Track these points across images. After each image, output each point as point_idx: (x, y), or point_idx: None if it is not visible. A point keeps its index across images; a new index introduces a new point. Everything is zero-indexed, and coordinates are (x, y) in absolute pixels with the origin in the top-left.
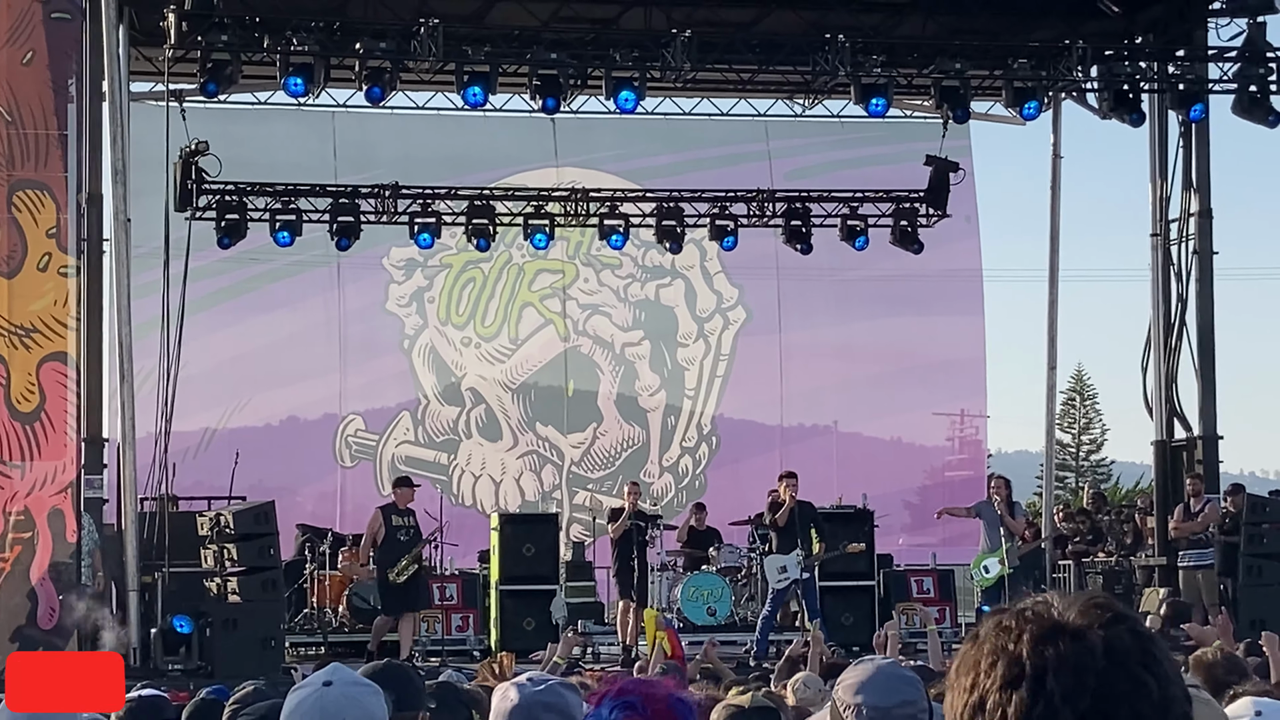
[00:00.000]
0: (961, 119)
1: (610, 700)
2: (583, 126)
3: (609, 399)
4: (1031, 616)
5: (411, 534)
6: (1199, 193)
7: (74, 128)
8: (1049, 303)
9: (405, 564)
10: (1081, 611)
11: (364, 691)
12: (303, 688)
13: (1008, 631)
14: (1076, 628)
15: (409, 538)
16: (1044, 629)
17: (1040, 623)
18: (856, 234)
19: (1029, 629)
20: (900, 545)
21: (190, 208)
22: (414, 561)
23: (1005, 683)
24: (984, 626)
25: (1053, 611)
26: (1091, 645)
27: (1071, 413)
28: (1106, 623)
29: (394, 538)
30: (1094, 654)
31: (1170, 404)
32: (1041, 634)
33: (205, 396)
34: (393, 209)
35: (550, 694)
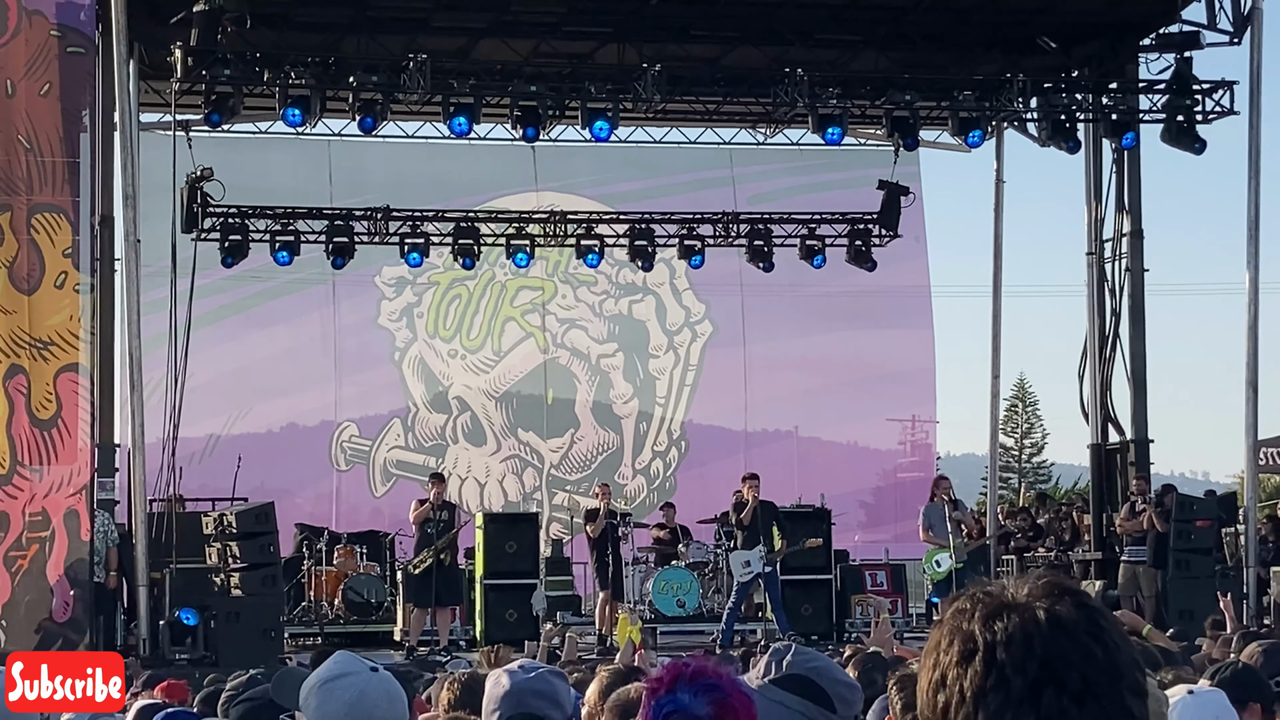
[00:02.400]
0: (911, 146)
1: (687, 685)
2: (561, 153)
3: (586, 406)
4: (983, 596)
5: (441, 528)
6: (1131, 214)
7: (87, 155)
8: (993, 316)
9: (423, 556)
10: (1030, 590)
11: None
12: (348, 675)
13: (962, 612)
14: (1023, 603)
15: (436, 531)
16: (993, 606)
17: (990, 601)
18: (814, 253)
19: (980, 607)
20: (856, 542)
21: (196, 229)
22: (435, 555)
23: (961, 658)
24: (946, 610)
25: (1004, 591)
26: (1037, 617)
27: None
28: (1052, 596)
29: (423, 532)
30: (1039, 625)
31: (1105, 410)
32: (991, 611)
33: (210, 405)
34: (384, 230)
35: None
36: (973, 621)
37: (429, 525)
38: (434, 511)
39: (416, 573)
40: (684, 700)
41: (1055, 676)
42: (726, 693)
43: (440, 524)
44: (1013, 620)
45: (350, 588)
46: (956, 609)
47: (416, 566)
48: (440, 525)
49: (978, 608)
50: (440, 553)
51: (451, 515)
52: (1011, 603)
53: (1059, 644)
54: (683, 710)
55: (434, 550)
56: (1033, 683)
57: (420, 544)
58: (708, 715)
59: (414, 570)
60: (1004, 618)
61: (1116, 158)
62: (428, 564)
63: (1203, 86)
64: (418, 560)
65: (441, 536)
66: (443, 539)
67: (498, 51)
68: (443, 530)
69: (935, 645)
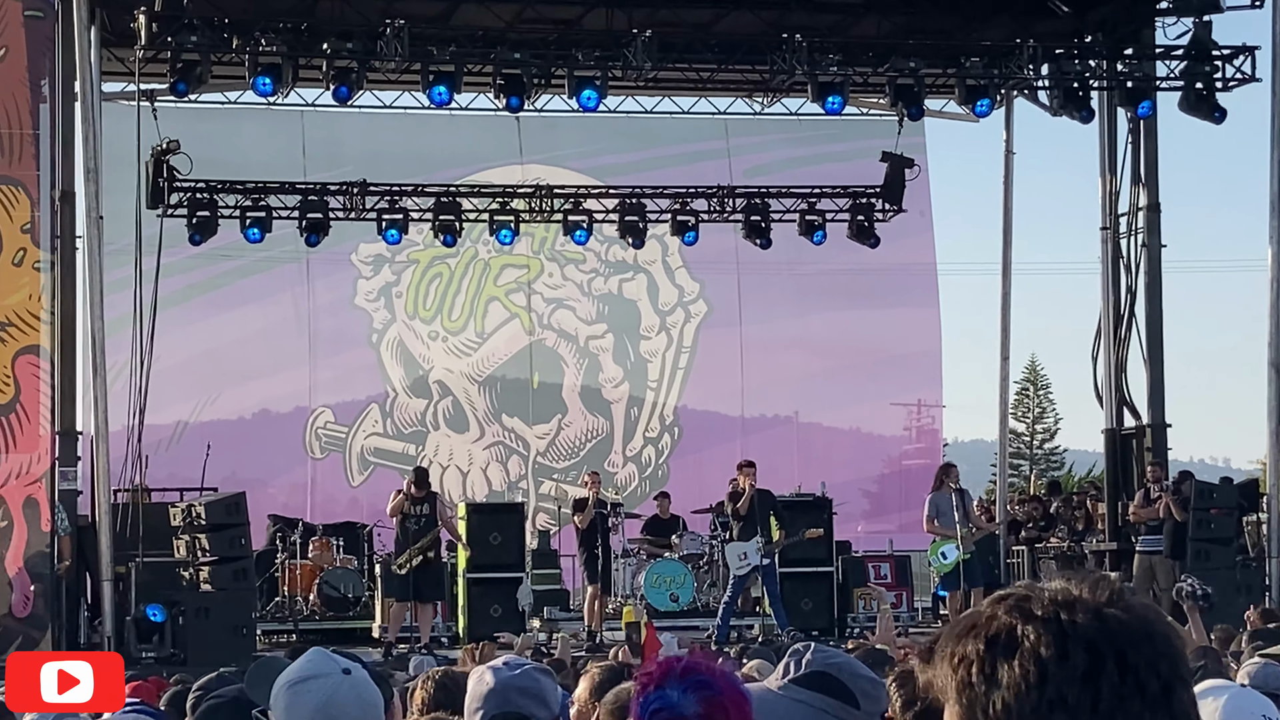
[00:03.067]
0: (916, 116)
1: (676, 681)
2: (546, 125)
3: (573, 391)
4: (1044, 593)
5: (423, 523)
6: (1147, 187)
7: (46, 126)
8: (1002, 295)
9: (409, 555)
10: (1092, 591)
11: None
12: (318, 678)
13: (1025, 601)
14: (1091, 603)
15: (418, 527)
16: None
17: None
18: (814, 229)
19: (1045, 600)
20: (858, 532)
21: (162, 205)
22: (421, 552)
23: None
24: (990, 605)
25: (1069, 589)
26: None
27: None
28: (1120, 597)
29: (403, 527)
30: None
31: (1120, 393)
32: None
33: (177, 390)
34: (360, 206)
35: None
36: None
37: (409, 520)
38: (412, 505)
39: (402, 573)
40: (672, 698)
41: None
42: (718, 690)
43: (422, 518)
44: (1085, 617)
45: (326, 582)
46: (1016, 599)
47: (402, 567)
48: (422, 520)
49: (1042, 601)
50: (426, 551)
51: (432, 508)
52: (1078, 600)
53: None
54: (671, 708)
55: (420, 549)
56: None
57: (402, 541)
58: (696, 714)
59: (399, 570)
60: (1073, 613)
61: (1132, 127)
62: (415, 563)
63: (1223, 52)
64: (403, 560)
65: (425, 532)
66: (428, 535)
67: (480, 17)
68: (425, 525)
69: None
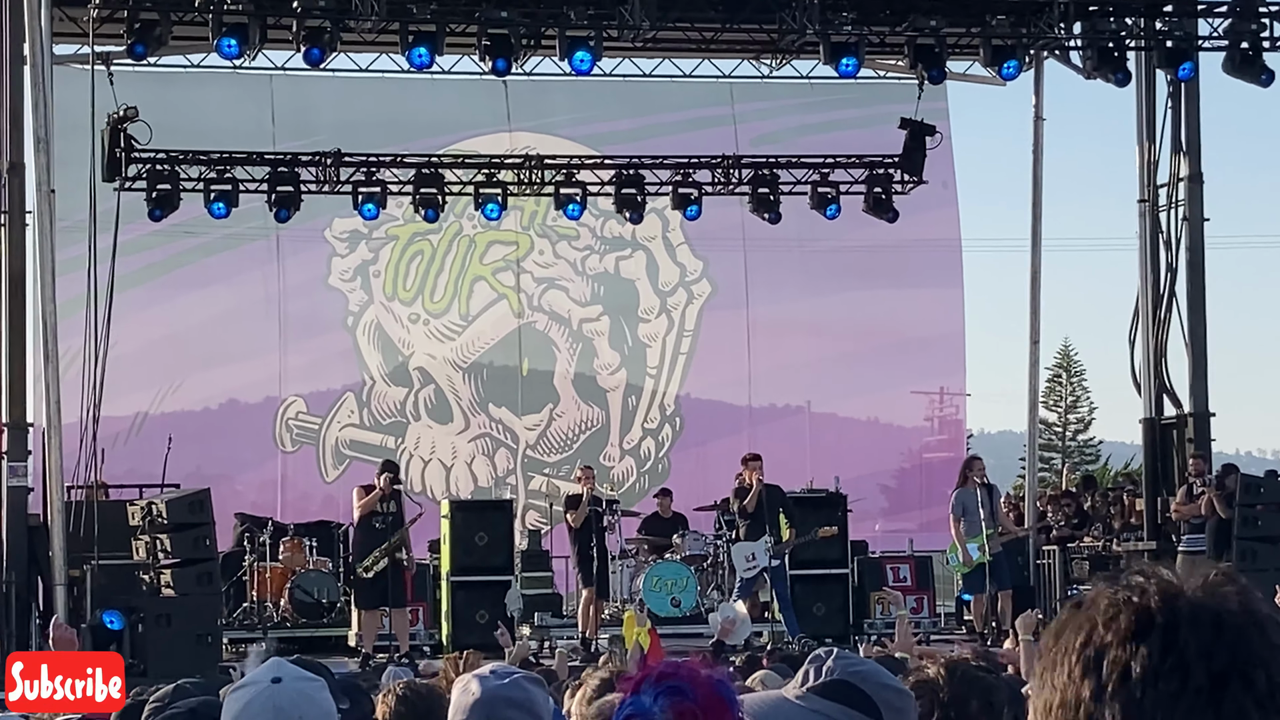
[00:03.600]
0: (937, 79)
1: (652, 686)
2: (536, 89)
3: (566, 378)
4: (1154, 575)
5: (389, 522)
6: (1188, 156)
7: None
8: (1031, 273)
9: (376, 557)
10: (1209, 580)
11: (313, 685)
12: (246, 686)
13: (1131, 589)
14: (1209, 590)
15: (385, 526)
16: (1172, 589)
17: (1167, 583)
18: (827, 202)
19: (1154, 586)
20: (876, 531)
21: (119, 177)
22: (386, 554)
23: (1129, 635)
24: (1092, 591)
25: (1177, 577)
26: (1229, 606)
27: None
28: (1238, 588)
29: (369, 526)
30: (1232, 614)
31: (1159, 379)
32: (1171, 591)
33: (136, 378)
34: (335, 178)
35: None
36: (1147, 597)
37: (376, 519)
38: (381, 503)
39: (369, 576)
40: (644, 703)
41: (1243, 672)
42: (691, 697)
43: (388, 518)
44: (1202, 604)
45: (298, 586)
46: (1123, 585)
47: (368, 570)
48: (389, 520)
49: (1151, 586)
50: (394, 552)
51: (399, 506)
52: (1193, 588)
53: (1250, 637)
54: (642, 713)
55: (386, 550)
56: (1218, 675)
57: (368, 542)
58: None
59: (365, 574)
60: (1187, 600)
61: (1172, 91)
62: (380, 566)
63: (1270, 8)
64: (370, 563)
65: (392, 532)
66: (396, 536)
67: None
68: (392, 525)
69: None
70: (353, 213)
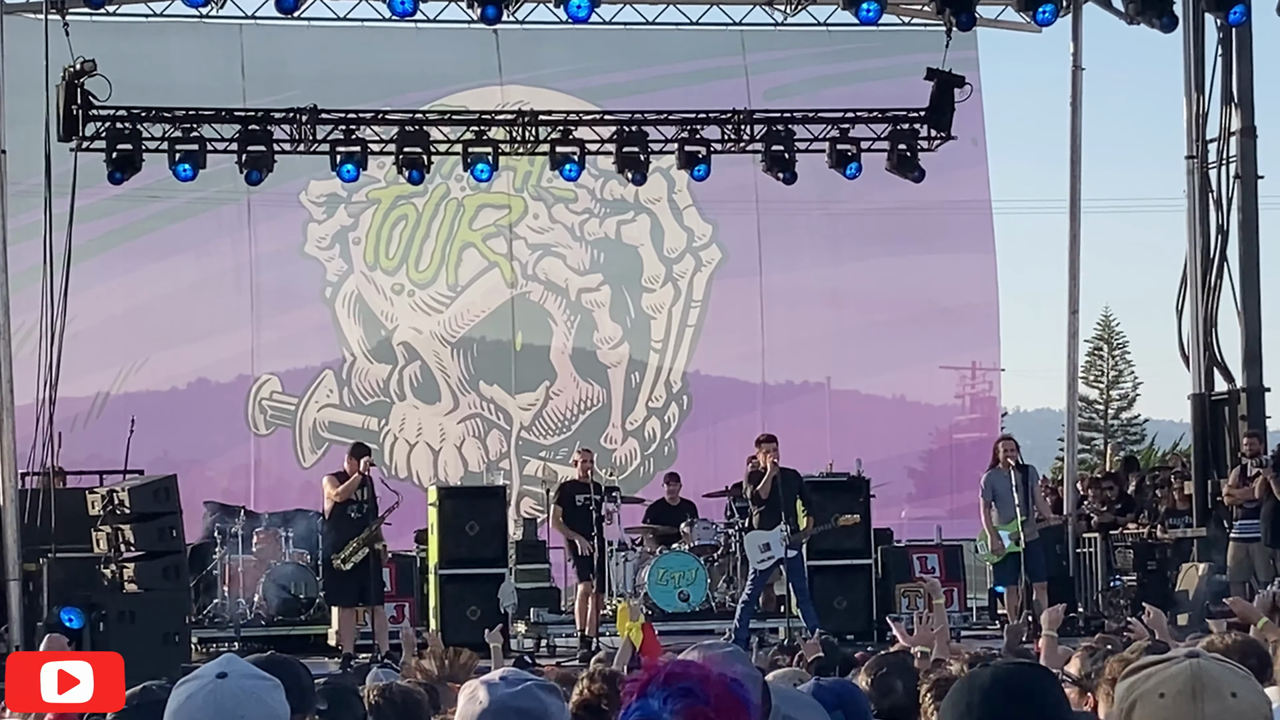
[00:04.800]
0: (966, 26)
1: (659, 688)
2: (529, 39)
3: (563, 353)
4: None
5: (365, 511)
6: (1240, 108)
7: None
8: (1070, 237)
9: (354, 548)
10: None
11: (263, 685)
12: (192, 680)
13: None
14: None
15: (361, 515)
16: None
17: None
18: (847, 160)
19: None
20: (902, 519)
21: (75, 137)
22: (365, 544)
23: None
24: None
25: None
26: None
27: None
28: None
29: (343, 515)
30: None
31: (1210, 352)
32: None
33: (96, 356)
34: (310, 136)
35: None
36: None
37: (351, 508)
38: (357, 490)
39: (347, 569)
40: (652, 706)
41: None
42: (703, 698)
43: (364, 505)
44: None
45: (273, 581)
46: None
47: (346, 560)
48: (364, 508)
49: None
50: (372, 543)
51: (372, 494)
52: None
53: None
54: (650, 717)
55: (364, 541)
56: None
57: (344, 533)
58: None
59: (343, 565)
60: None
61: (1223, 37)
62: (359, 557)
63: None
64: (348, 554)
65: (367, 521)
66: (372, 525)
67: None
68: (368, 514)
69: None
70: (330, 174)
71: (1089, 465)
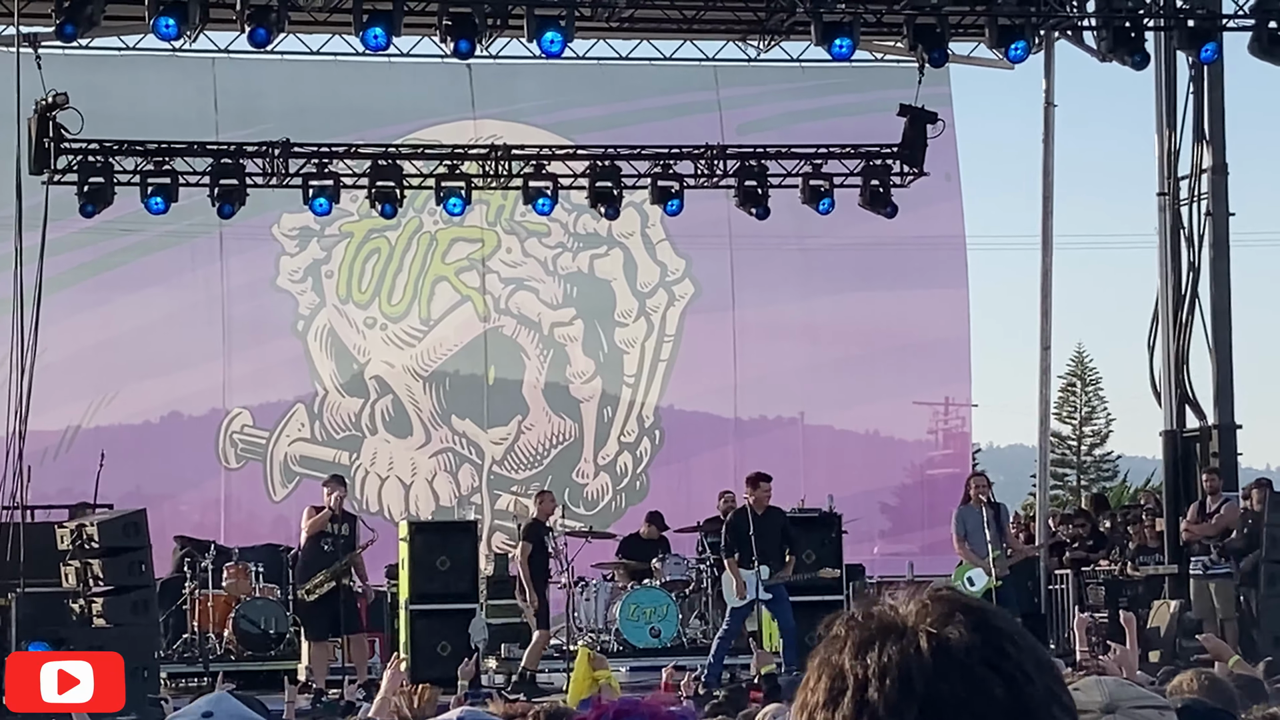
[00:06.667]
0: (939, 62)
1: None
2: (503, 73)
3: (536, 388)
4: (859, 620)
5: (341, 544)
6: (1212, 145)
7: None
8: (1042, 273)
9: (321, 580)
10: (917, 609)
11: None
12: (181, 716)
13: (835, 640)
14: (906, 628)
15: (334, 549)
16: (868, 633)
17: (866, 626)
18: (820, 195)
19: (853, 634)
20: (874, 555)
21: (47, 170)
22: (334, 577)
23: (828, 698)
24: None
25: (885, 613)
26: (919, 645)
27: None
28: (939, 619)
29: (315, 548)
30: (921, 655)
31: (1181, 388)
32: (865, 638)
33: (67, 388)
34: (283, 170)
35: None
36: (843, 653)
37: (325, 541)
38: (332, 523)
39: (311, 600)
40: None
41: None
42: None
43: (339, 540)
44: (890, 650)
45: (243, 616)
46: (830, 635)
47: (311, 592)
48: (340, 542)
49: (850, 634)
50: (340, 576)
51: (352, 530)
52: (889, 627)
53: (947, 679)
54: None
55: (332, 574)
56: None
57: (314, 565)
58: None
59: (306, 596)
60: (879, 646)
61: (1194, 75)
62: (325, 589)
63: None
64: (312, 586)
65: (340, 556)
66: (344, 559)
67: None
68: (343, 549)
69: (804, 682)
70: (303, 208)
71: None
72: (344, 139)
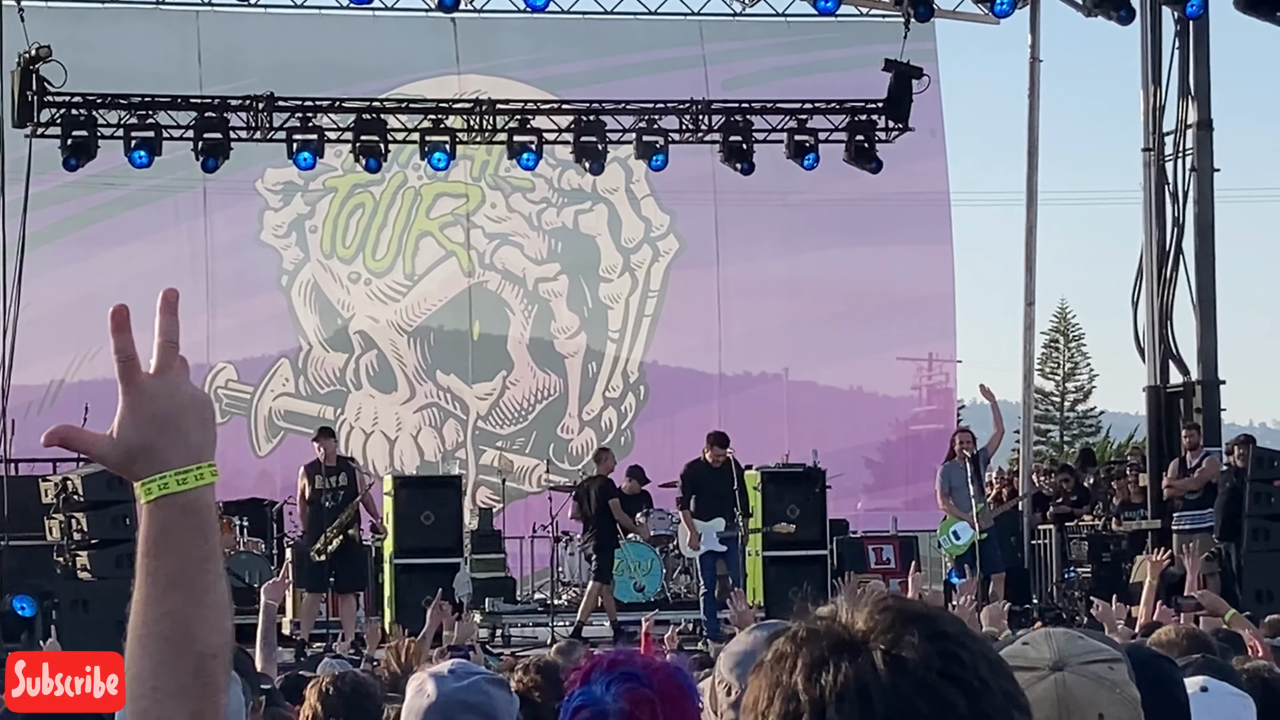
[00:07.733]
0: (925, 17)
1: (603, 674)
2: (487, 27)
3: (520, 343)
4: (807, 635)
5: (342, 495)
6: (1197, 101)
7: None
8: (1027, 229)
9: (329, 536)
10: (867, 621)
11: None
12: None
13: (783, 659)
14: (858, 642)
15: (335, 504)
16: (818, 652)
17: (816, 642)
18: (805, 151)
19: (804, 651)
20: (858, 510)
21: (30, 123)
22: (341, 531)
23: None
24: (765, 652)
25: (835, 626)
26: (874, 663)
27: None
28: (892, 633)
29: (317, 504)
30: (877, 674)
31: (1165, 344)
32: (816, 657)
33: (50, 343)
34: (267, 124)
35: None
36: (794, 674)
37: (324, 497)
38: (325, 478)
39: (321, 559)
40: (596, 693)
41: None
42: (645, 683)
43: (338, 492)
44: (845, 670)
45: (228, 569)
46: (776, 653)
47: (320, 552)
48: (339, 494)
49: (800, 653)
50: (346, 529)
51: (351, 477)
52: (842, 642)
53: (906, 696)
54: (593, 703)
55: (340, 528)
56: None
57: (316, 523)
58: (618, 711)
59: (318, 557)
60: (834, 666)
61: (1180, 30)
62: (335, 545)
63: None
64: (321, 545)
65: (343, 507)
66: (346, 511)
67: None
68: (343, 499)
69: (752, 703)
70: (287, 162)
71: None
72: (328, 93)
